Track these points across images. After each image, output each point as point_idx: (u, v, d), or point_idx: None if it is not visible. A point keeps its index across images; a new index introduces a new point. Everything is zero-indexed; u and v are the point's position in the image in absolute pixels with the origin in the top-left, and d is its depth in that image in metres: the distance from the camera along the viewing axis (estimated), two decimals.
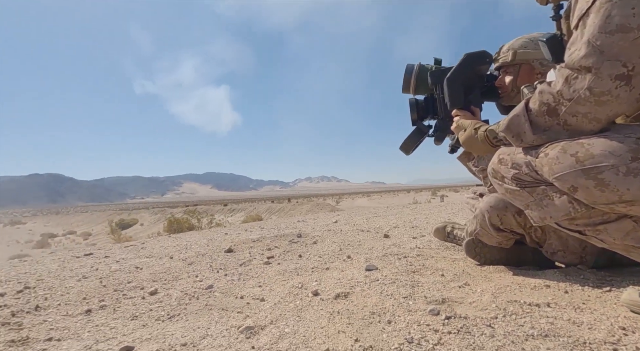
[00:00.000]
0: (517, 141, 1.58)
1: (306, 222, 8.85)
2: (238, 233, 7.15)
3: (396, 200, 46.92)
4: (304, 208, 34.36)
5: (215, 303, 2.30)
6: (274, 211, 37.65)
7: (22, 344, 1.68)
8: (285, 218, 26.77)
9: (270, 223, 10.67)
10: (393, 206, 14.46)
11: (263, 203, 50.02)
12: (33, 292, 2.65)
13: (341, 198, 65.54)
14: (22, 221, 74.09)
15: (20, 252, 25.81)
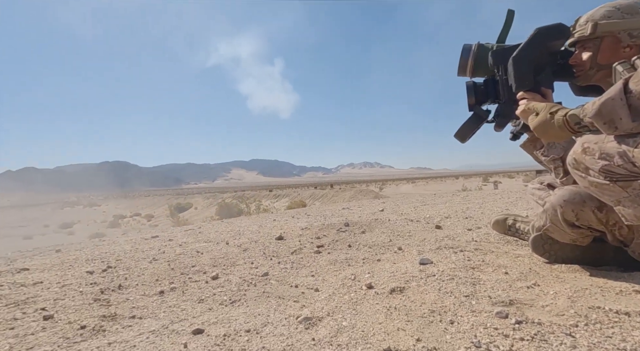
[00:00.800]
0: (609, 128, 1.37)
1: (351, 209, 8.84)
2: (286, 219, 7.37)
3: (443, 187, 44.88)
4: (346, 195, 34.39)
5: (272, 290, 2.40)
6: (317, 197, 38.24)
7: (112, 319, 1.91)
8: (329, 204, 27.04)
9: (315, 210, 10.85)
10: (441, 193, 13.85)
11: (306, 189, 50.97)
12: (115, 271, 2.99)
13: (385, 184, 64.42)
14: (97, 204, 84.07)
15: (97, 231, 29.37)
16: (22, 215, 56.33)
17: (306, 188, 58.24)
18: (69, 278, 2.81)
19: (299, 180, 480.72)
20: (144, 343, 1.62)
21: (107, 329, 1.79)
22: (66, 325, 1.82)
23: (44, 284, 2.64)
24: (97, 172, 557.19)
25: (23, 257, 4.68)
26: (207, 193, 64.46)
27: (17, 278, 2.97)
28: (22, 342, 1.63)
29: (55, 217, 49.33)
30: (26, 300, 2.24)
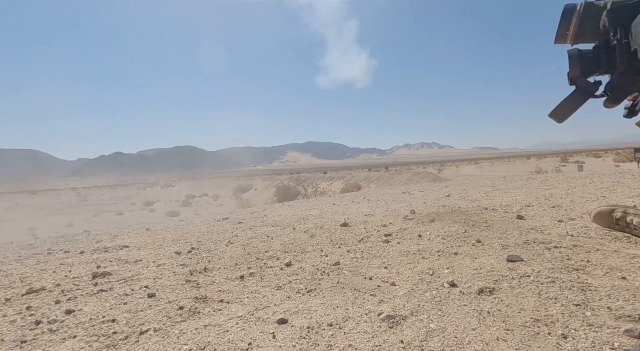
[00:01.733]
0: None
1: (412, 194, 8.48)
2: (346, 204, 7.36)
3: (513, 168, 40.85)
4: (403, 177, 33.31)
5: (346, 281, 2.38)
6: (372, 180, 37.71)
7: (203, 302, 2.06)
8: (385, 187, 26.40)
9: (374, 193, 10.66)
10: (512, 176, 12.57)
11: (360, 171, 50.52)
12: (198, 253, 3.26)
13: (443, 166, 60.90)
14: (172, 185, 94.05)
15: (173, 209, 32.95)
16: (113, 194, 65.60)
17: (360, 170, 57.72)
18: (162, 257, 3.14)
19: (352, 162, 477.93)
20: (234, 329, 1.71)
21: (201, 311, 1.94)
22: (167, 304, 2.01)
23: (143, 262, 2.97)
24: (171, 156, 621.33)
25: (121, 233, 5.38)
26: (265, 175, 67.76)
27: (120, 254, 3.41)
28: (135, 317, 1.84)
29: (140, 196, 56.36)
30: (132, 277, 2.54)
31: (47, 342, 1.62)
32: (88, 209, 39.31)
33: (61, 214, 33.50)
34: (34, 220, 29.14)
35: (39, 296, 2.22)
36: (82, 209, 40.03)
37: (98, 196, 58.22)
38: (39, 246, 4.62)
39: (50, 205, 43.65)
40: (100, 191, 70.60)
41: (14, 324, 1.81)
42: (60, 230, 21.45)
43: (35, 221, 28.56)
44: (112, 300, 2.10)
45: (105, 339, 1.63)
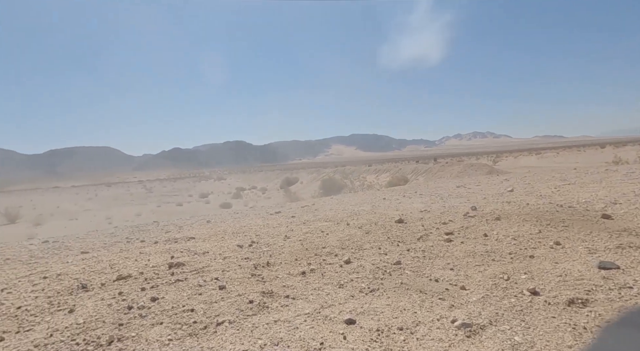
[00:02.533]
0: None
1: (469, 188, 7.97)
2: (397, 199, 7.15)
3: (583, 159, 36.46)
4: (454, 169, 31.51)
5: (410, 282, 2.29)
6: (420, 173, 36.26)
7: (270, 296, 2.13)
8: (436, 180, 25.30)
9: (424, 187, 10.23)
10: (584, 168, 11.21)
11: (407, 164, 48.89)
12: (259, 247, 3.38)
13: (499, 157, 56.39)
14: (224, 178, 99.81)
15: (225, 201, 34.89)
16: (173, 186, 71.43)
17: (407, 162, 55.88)
18: (226, 250, 3.31)
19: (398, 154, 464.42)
20: (304, 326, 1.74)
21: (269, 305, 2.00)
22: (237, 297, 2.11)
23: (210, 254, 3.17)
24: (222, 151, 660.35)
25: (185, 225, 5.82)
26: (310, 168, 68.76)
27: (189, 245, 3.68)
28: (210, 309, 1.96)
29: (195, 188, 60.64)
30: (202, 268, 2.72)
31: (139, 326, 1.79)
32: (153, 200, 43.25)
33: (131, 205, 37.31)
34: (110, 209, 32.93)
35: (127, 282, 2.47)
36: (148, 200, 44.12)
37: (160, 188, 63.70)
38: (119, 235, 5.17)
39: (122, 196, 48.98)
40: (162, 184, 77.31)
41: (111, 307, 2.03)
42: (131, 219, 23.97)
43: (111, 210, 32.27)
44: (188, 290, 2.26)
45: (187, 328, 1.76)
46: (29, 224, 24.00)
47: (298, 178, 54.23)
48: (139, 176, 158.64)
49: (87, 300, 2.19)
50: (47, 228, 21.99)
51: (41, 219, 25.41)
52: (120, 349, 1.58)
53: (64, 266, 3.14)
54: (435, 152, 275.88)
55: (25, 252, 4.19)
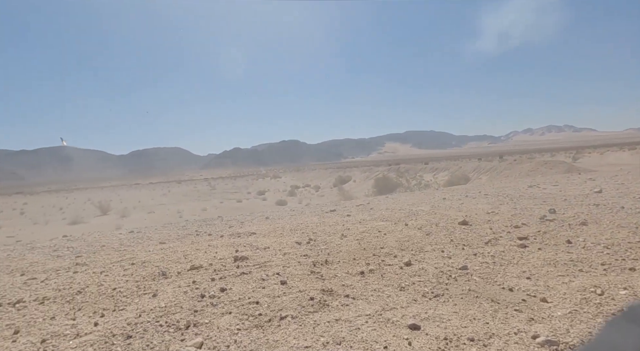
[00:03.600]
0: None
1: (543, 188, 7.13)
2: (459, 199, 6.70)
3: None
4: (524, 167, 28.53)
5: (479, 289, 2.12)
6: (483, 171, 33.57)
7: (330, 294, 2.14)
8: (501, 179, 23.27)
9: (489, 187, 9.43)
10: None
11: (468, 161, 45.63)
12: (316, 245, 3.43)
13: (580, 153, 49.58)
14: (279, 176, 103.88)
15: (281, 198, 36.24)
16: (233, 184, 76.43)
17: (468, 159, 52.15)
18: (285, 246, 3.42)
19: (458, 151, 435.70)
20: (366, 328, 1.71)
21: (329, 304, 2.01)
22: (299, 293, 2.16)
23: (271, 250, 3.30)
24: (278, 150, 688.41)
25: (246, 220, 6.16)
26: (363, 166, 68.07)
27: (251, 240, 3.88)
28: (274, 302, 2.04)
29: (253, 186, 64.06)
30: (265, 263, 2.84)
31: (211, 314, 1.94)
32: (216, 196, 46.71)
33: (198, 201, 40.77)
34: (181, 204, 36.42)
35: (199, 272, 2.70)
36: (211, 196, 47.76)
37: (222, 186, 68.44)
38: (189, 228, 5.67)
39: (190, 192, 53.85)
40: (224, 181, 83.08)
41: (187, 295, 2.23)
42: (198, 213, 26.22)
43: (181, 205, 35.69)
44: (252, 283, 2.38)
45: (254, 319, 1.85)
46: (117, 215, 27.66)
47: (351, 176, 54.05)
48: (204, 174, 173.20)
49: (166, 286, 2.43)
50: (130, 219, 25.12)
51: (126, 211, 29.06)
52: (196, 334, 1.72)
53: (147, 254, 3.54)
54: (501, 149, 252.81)
55: (116, 240, 4.82)
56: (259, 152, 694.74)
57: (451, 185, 19.85)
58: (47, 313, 2.07)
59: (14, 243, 5.69)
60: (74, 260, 3.59)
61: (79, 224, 24.31)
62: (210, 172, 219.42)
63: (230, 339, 1.66)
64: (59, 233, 12.84)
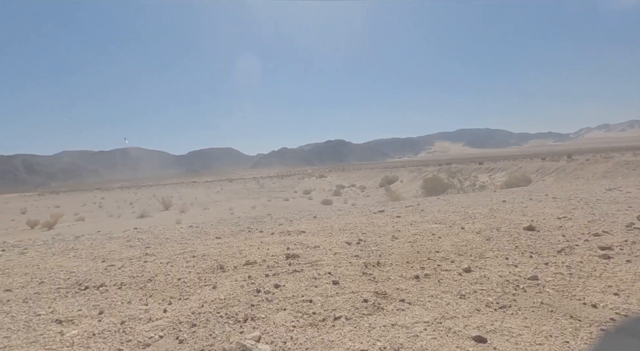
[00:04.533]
0: None
1: (628, 192, 6.21)
2: (521, 202, 6.13)
3: None
4: (598, 168, 25.28)
5: (553, 303, 1.90)
6: (547, 172, 30.42)
7: (384, 298, 2.08)
8: (571, 181, 20.95)
9: (556, 189, 8.49)
10: None
11: (529, 161, 41.75)
12: (367, 246, 3.37)
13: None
14: (324, 175, 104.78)
15: (326, 198, 36.49)
16: (280, 183, 78.83)
17: (529, 159, 47.68)
18: (335, 246, 3.42)
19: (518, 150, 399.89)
20: (425, 335, 1.62)
21: (384, 307, 1.95)
22: (352, 294, 2.14)
23: (321, 249, 3.32)
24: (324, 150, 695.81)
25: (295, 219, 6.28)
26: (411, 166, 65.79)
27: (301, 238, 3.94)
28: (327, 302, 2.04)
29: (300, 185, 65.44)
30: (316, 262, 2.86)
31: (267, 309, 1.99)
32: (264, 194, 48.53)
33: (247, 198, 42.74)
34: (232, 202, 38.53)
35: (253, 268, 2.80)
36: (260, 194, 49.71)
37: (270, 184, 70.94)
38: (242, 224, 5.94)
39: (240, 191, 56.70)
40: (271, 180, 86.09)
41: (243, 289, 2.33)
42: (247, 210, 27.52)
43: (233, 202, 37.75)
44: (305, 282, 2.40)
45: (308, 317, 1.86)
46: (176, 210, 30.12)
47: (398, 176, 52.61)
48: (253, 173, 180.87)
49: (224, 279, 2.56)
50: (188, 214, 27.19)
51: (184, 207, 31.49)
52: (254, 327, 1.78)
53: (205, 248, 3.78)
54: (569, 148, 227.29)
55: (178, 234, 5.22)
56: (305, 152, 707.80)
57: (510, 187, 18.24)
58: (124, 297, 2.30)
59: (96, 232, 6.46)
60: (144, 250, 3.96)
61: (146, 217, 26.91)
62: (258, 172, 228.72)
63: (287, 335, 1.69)
64: (130, 225, 14.33)
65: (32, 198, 77.74)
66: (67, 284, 2.65)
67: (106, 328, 1.85)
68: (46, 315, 2.06)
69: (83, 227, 21.84)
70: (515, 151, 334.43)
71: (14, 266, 3.48)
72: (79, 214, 31.02)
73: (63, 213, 28.54)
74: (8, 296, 2.44)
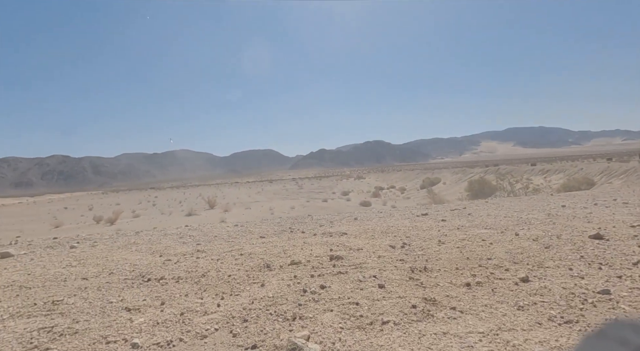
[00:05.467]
0: None
1: None
2: (584, 207, 5.56)
3: None
4: None
5: None
6: (615, 174, 27.25)
7: (433, 304, 2.02)
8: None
9: (629, 194, 7.58)
10: None
11: (592, 162, 37.79)
12: (412, 250, 3.29)
13: None
14: (363, 177, 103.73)
15: (365, 199, 36.08)
16: (319, 184, 79.47)
17: (592, 160, 43.13)
18: (379, 249, 3.37)
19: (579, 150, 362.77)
20: (480, 347, 1.55)
21: (434, 314, 1.89)
22: (399, 299, 2.10)
23: (364, 251, 3.30)
24: (362, 151, 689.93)
25: (335, 220, 6.30)
26: (455, 167, 62.77)
27: (343, 240, 3.95)
28: (374, 306, 2.02)
29: (338, 186, 65.48)
30: (360, 264, 2.85)
31: (314, 309, 2.02)
32: (303, 195, 49.26)
33: (287, 199, 43.66)
34: (272, 202, 39.62)
35: (298, 267, 2.86)
36: (299, 195, 50.54)
37: (309, 185, 71.78)
38: (283, 224, 6.08)
39: (279, 191, 58.11)
40: (310, 182, 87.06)
41: (290, 288, 2.39)
42: (287, 211, 28.09)
43: (272, 202, 38.82)
44: (350, 284, 2.40)
45: (355, 320, 1.86)
46: (220, 210, 31.65)
47: (440, 178, 50.52)
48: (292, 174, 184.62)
49: (271, 277, 2.65)
50: (231, 213, 28.43)
51: (228, 206, 32.98)
52: (302, 326, 1.82)
53: (251, 247, 3.93)
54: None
55: (225, 232, 5.49)
56: (344, 153, 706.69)
57: (568, 190, 16.61)
58: (181, 290, 2.48)
59: (152, 229, 7.02)
60: (195, 247, 4.23)
61: (193, 216, 28.62)
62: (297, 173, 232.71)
63: (335, 336, 1.70)
64: (179, 223, 15.35)
65: (97, 196, 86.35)
66: (132, 275, 2.92)
67: (168, 318, 2.00)
68: (117, 302, 2.29)
69: (139, 223, 23.79)
70: (574, 151, 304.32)
71: (87, 257, 3.91)
72: (135, 211, 33.89)
73: (122, 210, 31.38)
74: (85, 284, 2.74)
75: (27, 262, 3.85)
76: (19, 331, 1.91)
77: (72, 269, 3.28)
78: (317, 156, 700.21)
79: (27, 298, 2.46)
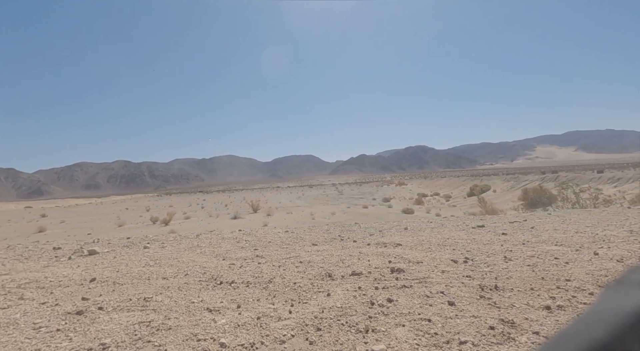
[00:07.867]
0: None
1: None
2: None
3: None
4: None
5: None
6: None
7: (512, 327, 1.93)
8: None
9: None
10: None
11: None
12: (476, 266, 3.16)
13: None
14: (405, 183, 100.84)
15: (407, 206, 35.03)
16: (359, 190, 78.78)
17: None
18: (440, 263, 3.29)
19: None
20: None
21: (515, 338, 1.81)
22: (473, 319, 2.04)
23: (425, 265, 3.24)
24: (404, 156, 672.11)
25: (384, 229, 6.22)
26: (507, 174, 58.57)
27: (399, 251, 3.91)
28: (447, 324, 1.99)
29: (378, 192, 64.39)
30: (424, 278, 2.81)
31: (385, 323, 2.04)
32: (343, 201, 49.16)
33: (327, 204, 43.88)
34: (313, 207, 40.07)
35: (360, 278, 2.90)
36: (339, 201, 50.51)
37: (349, 191, 71.46)
38: (332, 232, 6.15)
39: (319, 196, 58.57)
40: (350, 187, 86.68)
41: (356, 299, 2.43)
42: (327, 216, 28.21)
43: (313, 207, 39.24)
44: (417, 299, 2.38)
45: (430, 337, 1.85)
46: (263, 214, 32.70)
47: (489, 185, 47.55)
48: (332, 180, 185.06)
49: (335, 287, 2.72)
50: (274, 218, 29.22)
51: (270, 210, 33.97)
52: (376, 339, 1.85)
53: (307, 254, 4.05)
54: None
55: (277, 238, 5.70)
56: (384, 159, 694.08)
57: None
58: (253, 295, 2.64)
59: (209, 232, 7.48)
60: (254, 252, 4.45)
61: (238, 219, 29.91)
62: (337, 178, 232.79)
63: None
64: (225, 225, 16.12)
65: (153, 198, 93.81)
66: (205, 277, 3.16)
67: (246, 321, 2.15)
68: (198, 303, 2.50)
69: (190, 224, 25.42)
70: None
71: (161, 258, 4.30)
72: (186, 213, 36.29)
73: (175, 212, 33.78)
74: (167, 283, 3.03)
75: (111, 260, 4.34)
76: (123, 323, 2.18)
77: (151, 269, 3.63)
78: (357, 162, 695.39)
79: (122, 294, 2.78)
